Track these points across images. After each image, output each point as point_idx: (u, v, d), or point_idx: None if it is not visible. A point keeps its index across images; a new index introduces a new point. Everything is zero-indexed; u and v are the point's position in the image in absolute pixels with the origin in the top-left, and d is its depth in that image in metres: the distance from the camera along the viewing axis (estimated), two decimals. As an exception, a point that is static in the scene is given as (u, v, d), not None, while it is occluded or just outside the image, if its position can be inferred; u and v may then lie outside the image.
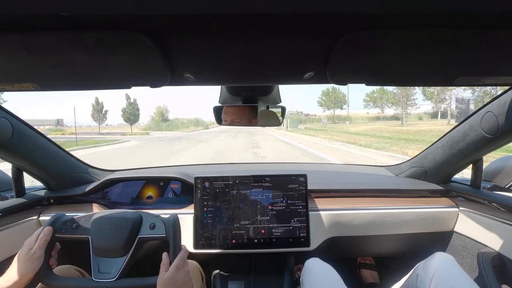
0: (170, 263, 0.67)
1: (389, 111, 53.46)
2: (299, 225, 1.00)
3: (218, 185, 1.01)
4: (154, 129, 46.25)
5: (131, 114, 38.26)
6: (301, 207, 1.01)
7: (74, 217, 0.76)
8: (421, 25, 0.39)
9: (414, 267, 0.81)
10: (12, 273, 0.63)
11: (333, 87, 51.56)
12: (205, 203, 1.00)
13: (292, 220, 1.00)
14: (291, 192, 1.01)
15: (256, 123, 0.92)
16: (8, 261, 0.87)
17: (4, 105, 0.84)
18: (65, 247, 0.76)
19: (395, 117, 48.93)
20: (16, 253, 0.67)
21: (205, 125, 50.77)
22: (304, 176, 1.02)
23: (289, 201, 1.01)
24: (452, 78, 0.49)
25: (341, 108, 55.66)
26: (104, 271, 0.70)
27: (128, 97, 39.10)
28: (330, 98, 53.28)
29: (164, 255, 0.70)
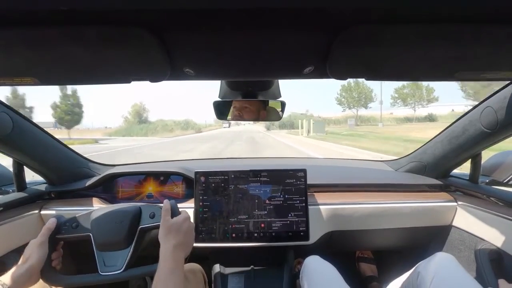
0: None
1: (421, 111, 44.12)
2: (297, 219, 1.01)
3: (218, 179, 1.02)
4: (122, 133, 36.29)
5: (67, 113, 24.67)
6: (299, 201, 1.01)
7: (73, 216, 0.76)
8: (421, 19, 0.39)
9: (415, 266, 0.82)
10: (21, 264, 0.64)
11: (356, 81, 42.83)
12: (205, 197, 1.01)
13: (290, 215, 1.01)
14: (290, 185, 1.02)
15: (262, 116, 0.93)
16: (10, 255, 0.88)
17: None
18: (67, 246, 0.76)
19: (429, 118, 41.58)
20: (18, 247, 0.68)
21: (197, 128, 43.26)
22: (304, 171, 1.03)
23: (287, 196, 1.02)
24: (452, 72, 0.49)
25: (365, 107, 47.03)
26: (110, 264, 0.71)
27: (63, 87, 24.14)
28: (351, 94, 44.89)
29: (166, 201, 0.72)
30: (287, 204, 1.01)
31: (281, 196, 1.02)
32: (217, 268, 1.09)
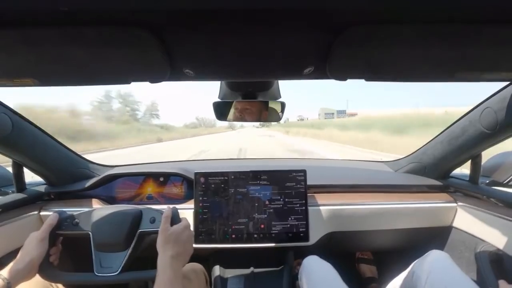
0: None
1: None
2: (297, 223, 1.01)
3: (218, 180, 1.02)
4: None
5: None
6: (300, 202, 1.01)
7: (74, 213, 0.76)
8: (421, 20, 0.39)
9: (411, 265, 0.82)
10: (21, 258, 0.64)
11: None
12: (205, 198, 1.01)
13: (290, 218, 1.01)
14: (290, 188, 1.02)
15: (263, 117, 0.92)
16: (9, 256, 0.88)
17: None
18: (66, 243, 0.77)
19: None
20: (17, 248, 0.68)
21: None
22: (304, 171, 1.03)
23: (287, 199, 1.01)
24: (452, 73, 0.49)
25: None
26: (106, 265, 0.71)
27: None
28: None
29: (167, 209, 0.71)
30: (287, 207, 1.01)
31: (281, 199, 1.01)
32: (217, 269, 1.09)
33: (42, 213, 1.04)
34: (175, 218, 0.71)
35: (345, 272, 0.83)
